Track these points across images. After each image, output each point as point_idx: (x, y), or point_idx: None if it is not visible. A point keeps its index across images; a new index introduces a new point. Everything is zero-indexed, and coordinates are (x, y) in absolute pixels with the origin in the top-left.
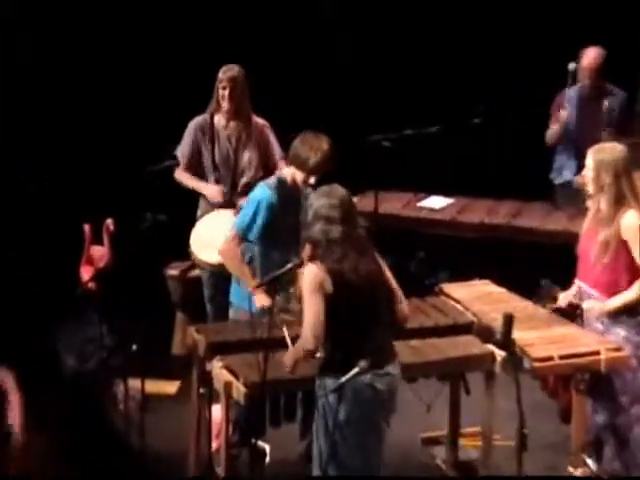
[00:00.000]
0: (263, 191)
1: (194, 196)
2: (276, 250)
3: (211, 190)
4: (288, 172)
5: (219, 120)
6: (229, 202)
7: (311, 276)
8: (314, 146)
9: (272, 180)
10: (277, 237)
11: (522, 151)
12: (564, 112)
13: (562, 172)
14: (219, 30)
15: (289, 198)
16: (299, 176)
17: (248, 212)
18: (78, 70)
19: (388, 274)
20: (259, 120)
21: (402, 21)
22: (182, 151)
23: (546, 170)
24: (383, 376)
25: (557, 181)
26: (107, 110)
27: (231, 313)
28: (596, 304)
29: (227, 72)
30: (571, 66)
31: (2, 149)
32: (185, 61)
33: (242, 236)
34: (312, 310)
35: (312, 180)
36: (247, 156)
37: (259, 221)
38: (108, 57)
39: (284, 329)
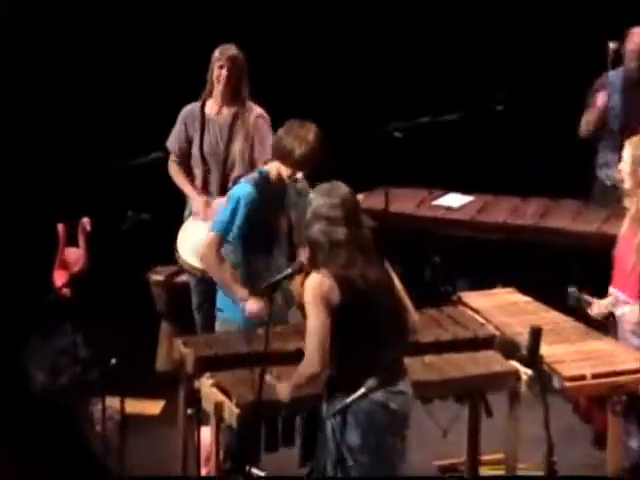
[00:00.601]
0: (243, 188)
1: (182, 193)
2: (258, 254)
3: (196, 203)
4: (272, 166)
5: (211, 107)
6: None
7: (315, 285)
8: (299, 136)
9: (253, 175)
10: (259, 240)
11: (552, 142)
12: (603, 96)
13: (607, 169)
14: (217, 25)
15: (273, 196)
16: (284, 171)
17: (226, 211)
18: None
19: (396, 281)
20: (256, 109)
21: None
22: (172, 142)
23: (578, 164)
24: (397, 394)
25: (607, 182)
26: (89, 99)
27: (218, 325)
28: (631, 309)
29: (226, 51)
30: (612, 45)
31: None
32: (181, 54)
33: (221, 238)
34: (317, 325)
35: (299, 175)
36: (239, 147)
37: (237, 221)
38: (91, 43)
39: (268, 376)
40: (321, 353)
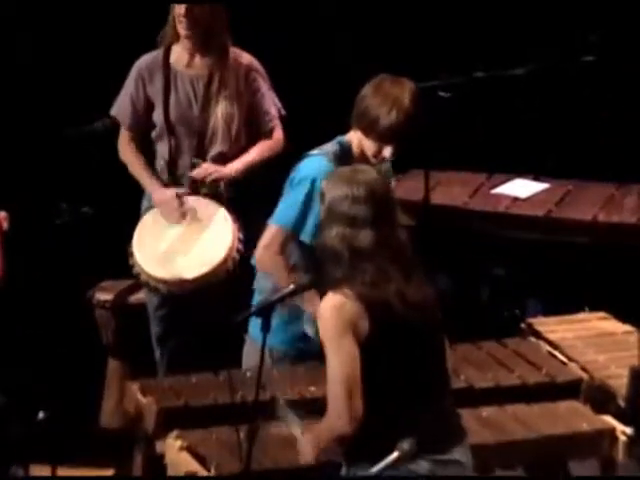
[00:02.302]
0: (316, 164)
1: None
2: None
3: (158, 195)
4: (354, 137)
5: (179, 56)
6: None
7: (335, 309)
8: (390, 98)
9: (331, 147)
10: None
11: None
12: None
13: None
14: None
15: None
16: (368, 145)
17: (297, 198)
18: None
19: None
20: (243, 56)
21: None
22: (121, 108)
23: None
24: (448, 464)
25: None
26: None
27: (246, 350)
28: None
29: None
30: None
31: None
32: None
33: (288, 233)
34: (343, 365)
35: (387, 152)
36: (221, 111)
37: (316, 210)
38: None
39: (280, 401)
40: (351, 404)
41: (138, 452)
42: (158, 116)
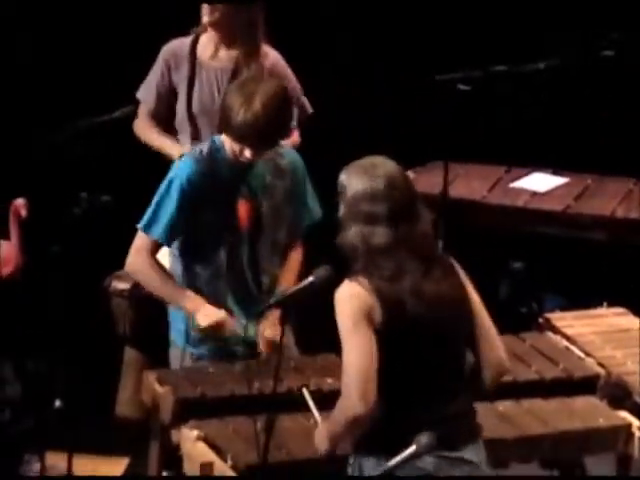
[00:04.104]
0: (183, 165)
1: (163, 164)
2: (204, 262)
3: (180, 152)
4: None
5: (205, 46)
6: None
7: (352, 297)
8: (243, 97)
9: (202, 146)
10: (202, 240)
11: None
12: None
13: None
14: None
15: (226, 176)
16: (229, 144)
17: (155, 199)
18: None
19: (476, 302)
20: (272, 54)
21: None
22: (146, 92)
23: None
24: (456, 463)
25: None
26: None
27: (172, 356)
28: None
29: None
30: None
31: None
32: None
33: (149, 236)
34: (358, 350)
35: (247, 153)
36: None
37: (169, 211)
38: None
39: (304, 390)
40: (365, 388)
41: (154, 442)
42: (181, 105)
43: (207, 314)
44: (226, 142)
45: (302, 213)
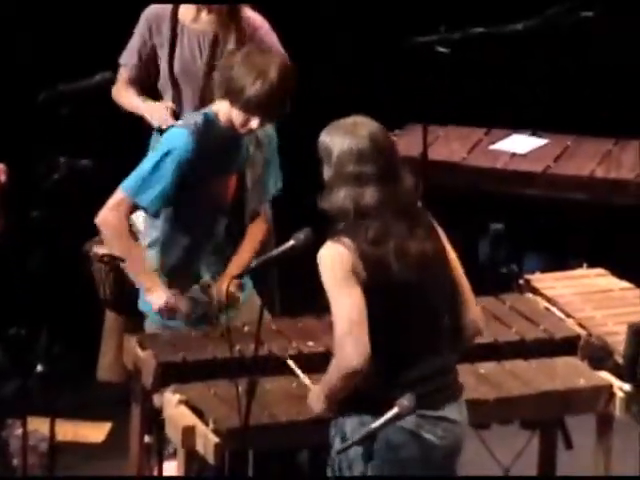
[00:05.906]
0: (178, 137)
1: (143, 128)
2: (187, 231)
3: (156, 111)
4: (222, 106)
5: (186, 9)
6: None
7: (336, 256)
8: (256, 68)
9: (195, 119)
10: (194, 211)
11: None
12: None
13: None
14: None
15: (221, 148)
16: (235, 115)
17: (147, 166)
18: None
19: (454, 260)
20: (254, 17)
21: None
22: (128, 56)
23: None
24: (437, 422)
25: None
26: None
27: (147, 326)
28: None
29: None
30: None
31: None
32: None
33: (133, 202)
34: (346, 306)
35: (254, 123)
36: None
37: (162, 183)
38: None
39: (289, 361)
40: (358, 340)
41: (136, 406)
42: (163, 67)
43: (160, 297)
44: (224, 114)
45: (272, 182)
